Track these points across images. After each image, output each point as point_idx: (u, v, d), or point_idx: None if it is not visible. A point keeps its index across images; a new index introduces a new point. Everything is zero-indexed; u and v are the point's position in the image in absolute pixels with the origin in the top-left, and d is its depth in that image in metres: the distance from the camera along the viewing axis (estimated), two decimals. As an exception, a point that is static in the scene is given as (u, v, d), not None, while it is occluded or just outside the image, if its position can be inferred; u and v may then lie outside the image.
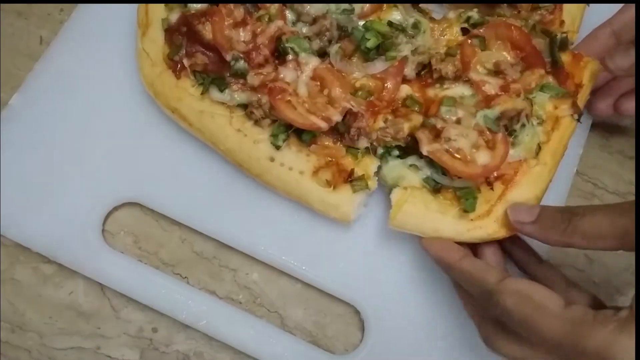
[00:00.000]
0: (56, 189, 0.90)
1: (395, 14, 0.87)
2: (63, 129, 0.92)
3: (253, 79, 0.82)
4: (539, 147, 0.82)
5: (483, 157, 0.79)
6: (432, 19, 0.89)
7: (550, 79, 0.84)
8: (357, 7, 0.86)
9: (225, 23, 0.84)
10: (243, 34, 0.84)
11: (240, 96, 0.84)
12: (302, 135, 0.83)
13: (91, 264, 0.88)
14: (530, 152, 0.81)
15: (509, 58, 0.85)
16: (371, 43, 0.84)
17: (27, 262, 0.91)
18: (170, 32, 0.86)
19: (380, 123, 0.84)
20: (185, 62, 0.85)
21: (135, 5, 0.90)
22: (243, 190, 0.90)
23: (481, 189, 0.80)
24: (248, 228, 0.89)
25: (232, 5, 0.85)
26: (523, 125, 0.81)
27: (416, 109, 0.85)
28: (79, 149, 0.92)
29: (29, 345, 0.88)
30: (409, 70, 0.87)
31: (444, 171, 0.80)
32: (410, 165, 0.82)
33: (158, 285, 0.87)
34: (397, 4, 0.87)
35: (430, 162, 0.81)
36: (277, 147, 0.83)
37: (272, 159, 0.84)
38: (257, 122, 0.84)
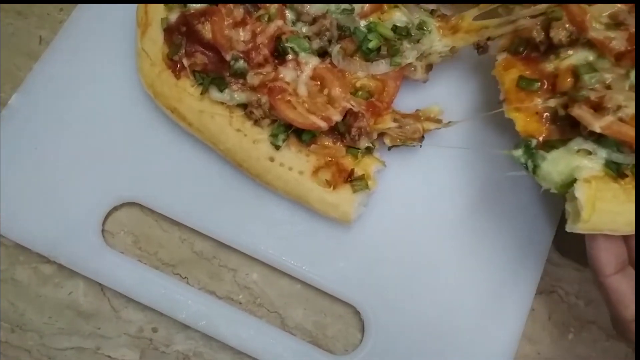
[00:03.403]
0: (56, 189, 0.90)
1: (399, 15, 0.86)
2: (63, 129, 0.92)
3: (253, 78, 0.82)
4: None
5: None
6: (441, 16, 0.86)
7: None
8: (357, 6, 0.86)
9: (225, 23, 0.84)
10: (243, 34, 0.84)
11: (240, 96, 0.83)
12: (302, 135, 0.83)
13: (91, 264, 0.88)
14: None
15: (622, 7, 0.73)
16: (373, 44, 0.84)
17: (27, 262, 0.91)
18: (169, 31, 0.86)
19: (389, 123, 0.84)
20: (185, 61, 0.85)
21: (134, 5, 0.90)
22: (243, 190, 0.90)
23: None
24: (248, 228, 0.89)
25: (231, 5, 0.84)
26: None
27: (535, 88, 0.74)
28: (79, 148, 0.92)
29: (29, 345, 0.88)
30: (420, 74, 0.86)
31: (618, 148, 0.69)
32: (578, 151, 0.70)
33: (158, 285, 0.87)
34: (399, 4, 0.87)
35: (598, 141, 0.69)
36: (277, 147, 0.83)
37: (271, 159, 0.83)
38: (256, 122, 0.84)
